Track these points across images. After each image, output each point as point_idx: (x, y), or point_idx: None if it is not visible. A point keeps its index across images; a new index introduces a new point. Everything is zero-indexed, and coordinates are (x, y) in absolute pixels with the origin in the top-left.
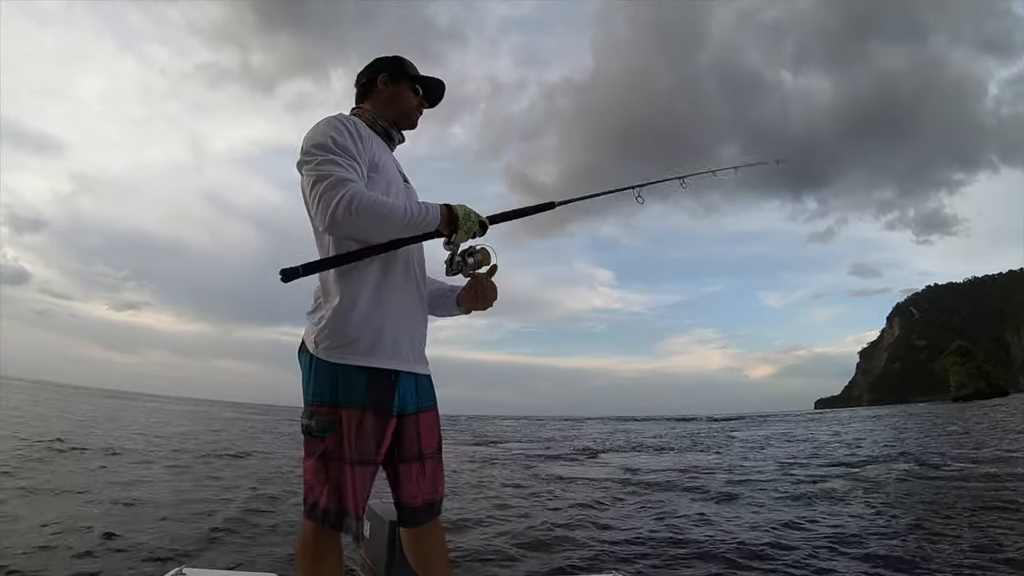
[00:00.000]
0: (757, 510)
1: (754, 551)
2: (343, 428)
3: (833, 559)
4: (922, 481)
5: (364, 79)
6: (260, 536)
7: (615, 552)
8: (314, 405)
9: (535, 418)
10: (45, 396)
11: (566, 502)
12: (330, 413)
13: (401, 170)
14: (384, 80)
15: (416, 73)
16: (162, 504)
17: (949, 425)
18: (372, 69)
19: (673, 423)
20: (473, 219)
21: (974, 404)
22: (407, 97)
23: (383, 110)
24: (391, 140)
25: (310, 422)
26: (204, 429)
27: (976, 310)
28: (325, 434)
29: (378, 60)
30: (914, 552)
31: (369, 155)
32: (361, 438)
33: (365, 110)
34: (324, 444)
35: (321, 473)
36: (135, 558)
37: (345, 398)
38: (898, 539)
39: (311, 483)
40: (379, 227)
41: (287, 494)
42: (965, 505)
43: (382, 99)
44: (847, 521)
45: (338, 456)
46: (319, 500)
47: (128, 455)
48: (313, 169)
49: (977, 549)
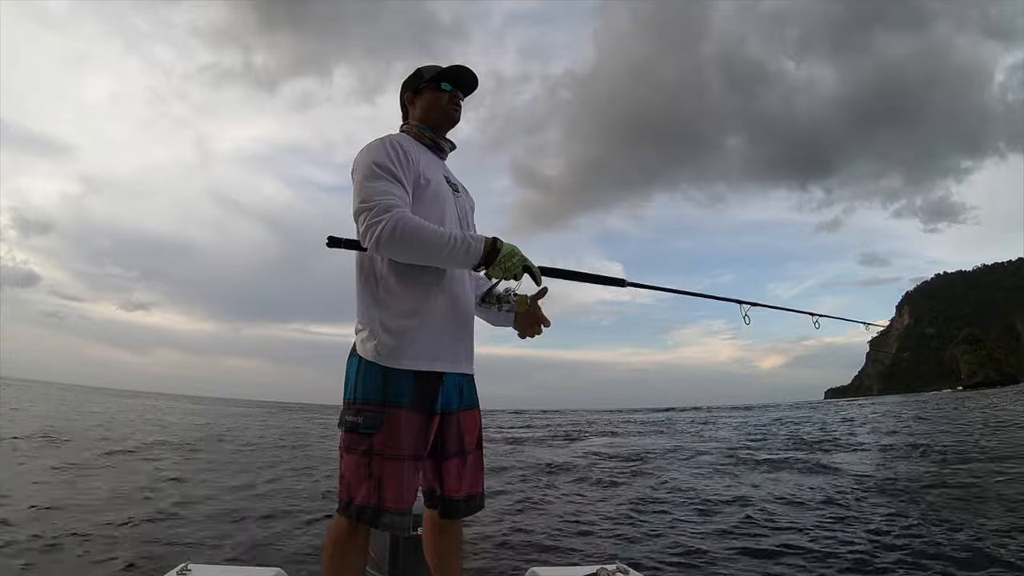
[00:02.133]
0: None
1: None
2: (389, 425)
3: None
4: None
5: (401, 100)
6: (265, 531)
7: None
8: (361, 403)
9: (539, 411)
10: (58, 396)
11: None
12: (377, 411)
13: (452, 179)
14: (409, 98)
15: (433, 73)
16: (164, 499)
17: (946, 412)
18: (401, 91)
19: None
20: (516, 261)
21: (983, 392)
22: (435, 99)
23: (423, 121)
24: (440, 150)
25: (356, 419)
26: (237, 426)
27: (986, 298)
28: (371, 431)
29: (410, 75)
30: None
31: (415, 173)
32: (407, 435)
33: (412, 125)
34: (370, 441)
35: (363, 469)
36: (140, 551)
37: (394, 398)
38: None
39: (350, 479)
40: (420, 256)
41: (294, 490)
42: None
43: (417, 114)
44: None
45: (382, 453)
46: (355, 496)
47: (129, 450)
48: (359, 193)
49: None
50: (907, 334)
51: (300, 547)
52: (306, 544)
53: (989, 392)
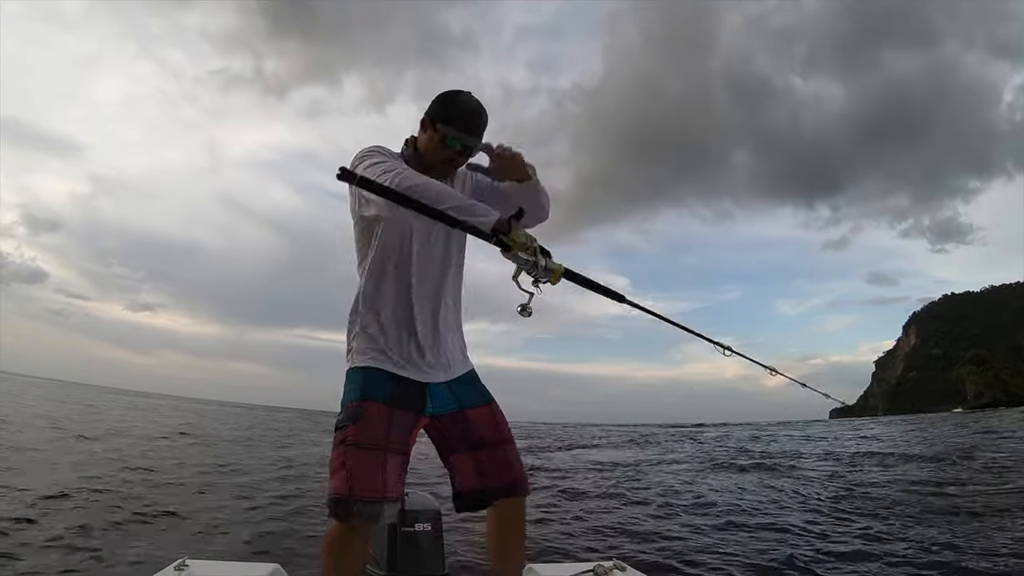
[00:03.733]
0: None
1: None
2: (364, 418)
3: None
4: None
5: (426, 111)
6: (263, 527)
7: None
8: (347, 403)
9: (546, 424)
10: (63, 394)
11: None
12: (356, 406)
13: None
14: (424, 120)
15: (449, 116)
16: (166, 494)
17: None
18: (431, 106)
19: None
20: (533, 244)
21: (990, 413)
22: (440, 148)
23: (423, 153)
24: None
25: (340, 416)
26: (235, 427)
27: (993, 319)
28: (348, 423)
29: (436, 100)
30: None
31: None
32: (380, 427)
33: (412, 150)
34: (345, 432)
35: (339, 459)
36: (139, 547)
37: (370, 393)
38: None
39: (330, 473)
40: (427, 195)
41: (295, 488)
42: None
43: (422, 142)
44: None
45: (356, 442)
46: (336, 490)
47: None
48: (368, 167)
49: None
50: (913, 354)
51: (297, 542)
52: (303, 539)
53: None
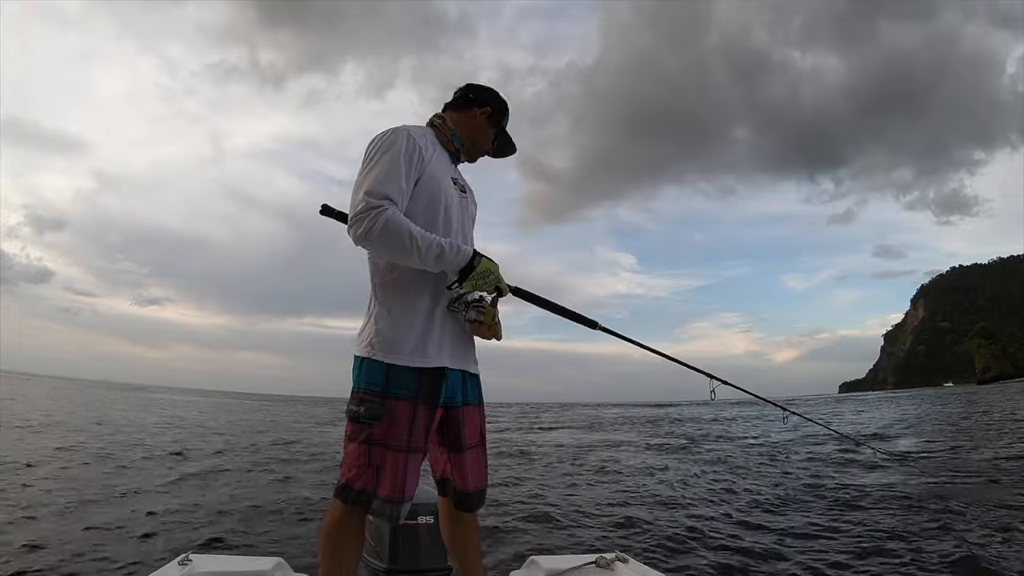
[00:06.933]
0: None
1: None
2: (389, 417)
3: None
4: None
5: (469, 94)
6: (265, 520)
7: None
8: (364, 393)
9: (556, 404)
10: (72, 392)
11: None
12: (379, 402)
13: (460, 180)
14: (486, 114)
15: (504, 117)
16: (166, 492)
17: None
18: (481, 92)
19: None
20: (491, 280)
21: (998, 385)
22: (487, 136)
23: (462, 133)
24: (457, 156)
25: (359, 408)
26: (247, 419)
27: (1001, 291)
28: (372, 421)
29: (491, 91)
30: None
31: (421, 171)
32: (407, 427)
33: (446, 125)
34: (371, 430)
35: (363, 457)
36: (140, 543)
37: (394, 390)
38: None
39: (350, 465)
40: (397, 258)
41: (296, 479)
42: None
43: (469, 125)
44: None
45: (383, 443)
46: (354, 482)
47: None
48: (361, 182)
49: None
50: (922, 327)
51: (300, 536)
52: (306, 533)
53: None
